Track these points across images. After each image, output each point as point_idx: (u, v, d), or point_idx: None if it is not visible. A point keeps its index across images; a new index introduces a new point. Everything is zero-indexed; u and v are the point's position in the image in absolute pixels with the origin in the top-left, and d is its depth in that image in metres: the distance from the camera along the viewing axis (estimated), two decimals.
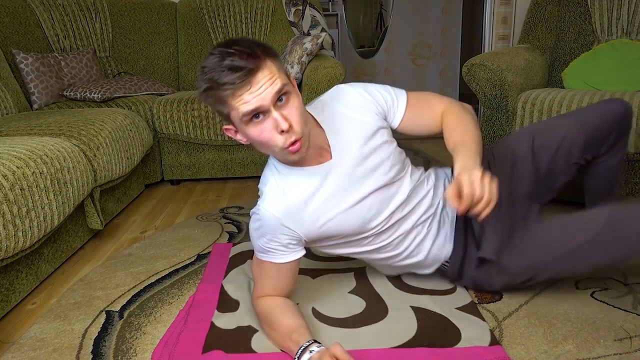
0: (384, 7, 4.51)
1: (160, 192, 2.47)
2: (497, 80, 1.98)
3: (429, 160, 2.85)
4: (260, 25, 3.00)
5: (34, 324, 1.30)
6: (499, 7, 2.92)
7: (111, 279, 1.52)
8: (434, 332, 1.16)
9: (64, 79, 2.56)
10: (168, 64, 2.99)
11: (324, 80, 2.37)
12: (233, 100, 0.95)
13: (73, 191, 1.58)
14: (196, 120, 2.41)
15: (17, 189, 1.30)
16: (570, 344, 1.11)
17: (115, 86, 2.50)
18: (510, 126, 1.99)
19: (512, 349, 1.10)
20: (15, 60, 2.40)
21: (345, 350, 0.95)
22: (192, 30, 2.99)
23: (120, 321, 1.28)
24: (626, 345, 1.10)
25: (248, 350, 1.12)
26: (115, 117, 2.06)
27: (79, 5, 2.84)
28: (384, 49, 4.51)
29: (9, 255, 1.27)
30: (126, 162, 2.02)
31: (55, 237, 1.60)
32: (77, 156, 1.66)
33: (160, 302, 1.37)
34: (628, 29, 2.23)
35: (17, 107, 2.30)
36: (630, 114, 1.27)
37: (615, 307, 1.25)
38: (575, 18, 2.34)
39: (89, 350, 1.16)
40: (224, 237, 1.80)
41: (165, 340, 1.18)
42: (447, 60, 4.60)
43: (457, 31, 4.53)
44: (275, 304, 1.16)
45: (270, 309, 1.14)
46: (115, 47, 2.91)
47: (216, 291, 1.39)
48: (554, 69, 2.39)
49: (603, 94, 1.82)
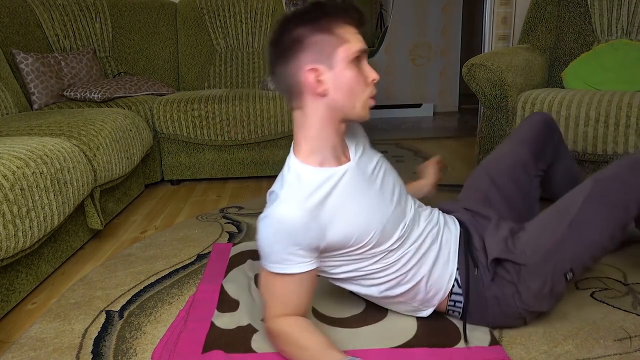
0: (384, 7, 4.51)
1: (160, 192, 2.47)
2: (497, 80, 1.98)
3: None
4: (260, 25, 3.00)
5: (34, 324, 1.30)
6: (499, 7, 2.92)
7: (111, 279, 1.53)
8: (434, 332, 1.16)
9: (64, 79, 2.56)
10: (168, 64, 2.99)
11: None
12: (349, 34, 0.96)
13: (73, 191, 1.58)
14: (196, 120, 2.41)
15: (17, 189, 1.30)
16: (570, 344, 1.11)
17: (115, 86, 2.50)
18: (510, 126, 1.99)
19: (512, 349, 1.10)
20: (15, 60, 2.40)
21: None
22: (192, 30, 2.99)
23: (120, 321, 1.28)
24: (626, 345, 1.10)
25: (248, 350, 1.12)
26: (115, 117, 2.06)
27: (79, 5, 2.84)
28: (384, 49, 4.51)
29: (9, 255, 1.27)
30: (126, 162, 2.02)
31: (55, 237, 1.60)
32: (77, 156, 1.66)
33: (160, 302, 1.37)
34: (628, 29, 2.23)
35: (17, 107, 2.30)
36: (551, 120, 1.40)
37: (615, 307, 1.25)
38: (575, 18, 2.34)
39: (89, 350, 1.16)
40: (224, 237, 1.80)
41: (165, 340, 1.18)
42: (447, 60, 4.60)
43: (457, 31, 4.53)
44: (300, 322, 1.05)
45: (297, 327, 1.03)
46: (115, 47, 2.91)
47: (216, 291, 1.39)
48: (554, 69, 2.39)
49: (603, 94, 1.82)
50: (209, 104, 2.41)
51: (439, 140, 3.47)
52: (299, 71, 0.98)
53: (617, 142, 1.76)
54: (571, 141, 1.85)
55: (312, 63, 0.97)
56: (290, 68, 0.99)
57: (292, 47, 0.98)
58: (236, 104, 2.41)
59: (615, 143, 1.76)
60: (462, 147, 3.19)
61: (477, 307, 1.13)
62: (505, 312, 1.13)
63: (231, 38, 3.00)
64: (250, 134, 2.44)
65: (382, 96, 4.63)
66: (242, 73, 2.98)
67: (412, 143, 3.36)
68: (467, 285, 1.12)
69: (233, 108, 2.41)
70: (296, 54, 0.98)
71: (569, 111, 1.83)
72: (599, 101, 1.78)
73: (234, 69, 2.98)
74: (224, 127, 2.41)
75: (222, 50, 3.00)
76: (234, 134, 2.44)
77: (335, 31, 0.96)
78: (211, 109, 2.41)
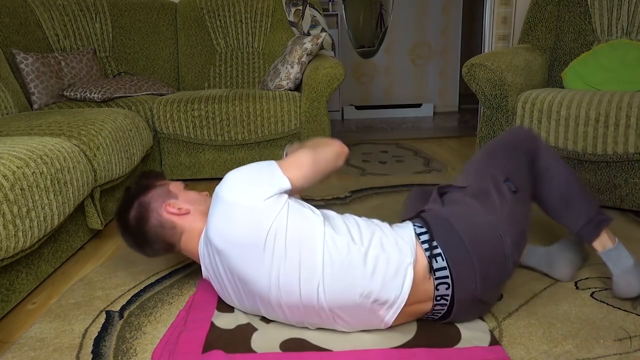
0: (384, 7, 4.51)
1: None
2: (497, 80, 1.98)
3: (430, 160, 2.86)
4: (260, 25, 3.00)
5: (34, 324, 1.30)
6: (499, 7, 2.92)
7: (111, 279, 1.53)
8: (434, 332, 1.16)
9: (64, 79, 2.56)
10: (168, 64, 2.99)
11: (324, 80, 2.37)
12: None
13: (73, 191, 1.58)
14: (196, 120, 2.41)
15: (17, 189, 1.30)
16: (570, 344, 1.11)
17: (115, 86, 2.50)
18: (510, 126, 1.99)
19: (512, 349, 1.10)
20: (16, 60, 2.40)
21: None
22: (192, 30, 2.99)
23: (120, 321, 1.28)
24: (626, 345, 1.10)
25: (248, 350, 1.12)
26: (115, 117, 2.06)
27: (79, 5, 2.84)
28: (384, 49, 4.51)
29: (9, 255, 1.27)
30: (126, 162, 2.02)
31: (55, 237, 1.60)
32: (77, 156, 1.66)
33: (160, 302, 1.37)
34: (628, 29, 2.23)
35: (17, 107, 2.30)
36: (528, 136, 1.34)
37: (615, 307, 1.25)
38: (575, 18, 2.34)
39: (89, 350, 1.16)
40: None
41: (165, 340, 1.18)
42: (447, 60, 4.60)
43: (457, 31, 4.53)
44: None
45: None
46: (115, 47, 2.92)
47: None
48: (554, 69, 2.39)
49: (603, 94, 1.82)
50: (209, 104, 2.41)
51: (439, 140, 3.47)
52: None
53: (617, 142, 1.76)
54: (571, 141, 1.85)
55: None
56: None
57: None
58: (236, 104, 2.41)
59: (615, 143, 1.76)
60: (462, 147, 3.19)
61: (447, 238, 1.13)
62: (476, 224, 1.13)
63: (231, 38, 3.00)
64: (250, 134, 2.45)
65: (382, 96, 4.64)
66: (242, 73, 2.98)
67: (412, 143, 3.36)
68: (429, 227, 1.15)
69: (233, 108, 2.41)
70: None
71: (569, 111, 1.83)
72: (599, 101, 1.78)
73: (234, 69, 2.98)
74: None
75: (222, 50, 3.00)
76: (234, 134, 2.44)
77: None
78: (211, 109, 2.41)
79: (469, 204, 1.19)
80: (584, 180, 1.89)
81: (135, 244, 1.29)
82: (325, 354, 1.10)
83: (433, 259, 1.10)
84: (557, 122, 1.86)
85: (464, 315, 1.17)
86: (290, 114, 2.44)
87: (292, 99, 2.45)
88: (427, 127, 3.98)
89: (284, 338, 1.17)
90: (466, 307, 1.14)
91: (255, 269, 1.08)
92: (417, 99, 4.66)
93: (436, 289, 1.10)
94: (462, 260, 1.09)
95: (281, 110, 2.42)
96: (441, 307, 1.13)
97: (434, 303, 1.13)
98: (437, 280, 1.10)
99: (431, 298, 1.12)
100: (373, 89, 4.60)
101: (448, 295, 1.11)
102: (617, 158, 1.78)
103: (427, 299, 1.12)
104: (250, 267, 1.09)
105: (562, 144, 1.87)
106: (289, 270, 1.07)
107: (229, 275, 1.15)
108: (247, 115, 2.41)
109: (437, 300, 1.12)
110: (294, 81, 2.53)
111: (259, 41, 3.00)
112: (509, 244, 1.12)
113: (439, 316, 1.17)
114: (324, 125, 2.45)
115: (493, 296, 1.19)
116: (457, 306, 1.12)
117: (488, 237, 1.12)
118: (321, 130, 2.44)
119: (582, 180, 1.90)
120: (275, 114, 2.42)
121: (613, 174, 1.84)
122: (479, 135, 2.14)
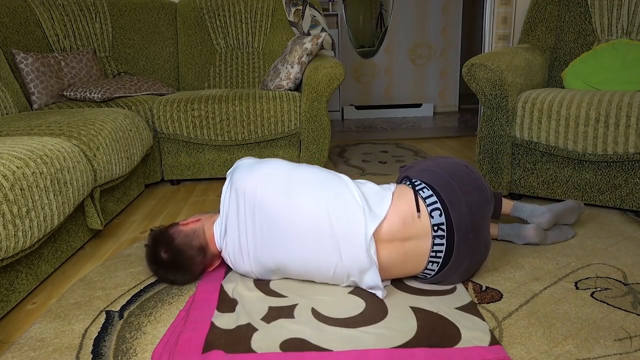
0: (384, 7, 4.51)
1: (160, 192, 2.47)
2: (497, 80, 1.98)
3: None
4: (260, 25, 3.00)
5: (34, 324, 1.30)
6: (499, 7, 2.92)
7: (111, 279, 1.53)
8: (434, 332, 1.16)
9: (64, 79, 2.56)
10: (168, 64, 2.99)
11: (324, 80, 2.37)
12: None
13: (73, 191, 1.58)
14: (196, 120, 2.41)
15: (17, 189, 1.30)
16: (570, 344, 1.11)
17: (115, 86, 2.50)
18: (510, 126, 1.99)
19: (512, 349, 1.10)
20: (15, 60, 2.40)
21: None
22: (192, 30, 2.99)
23: (120, 321, 1.28)
24: (626, 345, 1.10)
25: (248, 350, 1.12)
26: (115, 117, 2.06)
27: (79, 5, 2.84)
28: (384, 49, 4.51)
29: (9, 255, 1.27)
30: (126, 162, 2.02)
31: (55, 237, 1.60)
32: (77, 156, 1.66)
33: (160, 302, 1.37)
34: (628, 29, 2.23)
35: (17, 107, 2.30)
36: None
37: (615, 307, 1.25)
38: (575, 18, 2.35)
39: (89, 350, 1.16)
40: None
41: (165, 340, 1.18)
42: (447, 60, 4.60)
43: (457, 31, 4.53)
44: None
45: None
46: (115, 47, 2.92)
47: (216, 291, 1.39)
48: (554, 69, 2.39)
49: (603, 94, 1.82)
50: (209, 104, 2.41)
51: (439, 140, 3.47)
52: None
53: (617, 142, 1.76)
54: (571, 141, 1.85)
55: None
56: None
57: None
58: (236, 104, 2.41)
59: (615, 143, 1.76)
60: (462, 147, 3.19)
61: (425, 174, 1.36)
62: (445, 161, 1.38)
63: (231, 38, 3.00)
64: (250, 134, 2.44)
65: (382, 96, 4.64)
66: (242, 73, 2.98)
67: (412, 143, 3.36)
68: (409, 176, 1.39)
69: (233, 108, 2.41)
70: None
71: (569, 111, 1.83)
72: (599, 101, 1.78)
73: (234, 69, 2.98)
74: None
75: (222, 50, 3.00)
76: (234, 134, 2.44)
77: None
78: (211, 109, 2.41)
79: (431, 159, 1.45)
80: (584, 180, 1.89)
81: (176, 267, 1.41)
82: (325, 354, 1.10)
83: (419, 191, 1.31)
84: (557, 122, 1.86)
85: (464, 256, 1.27)
86: (290, 114, 2.44)
87: (292, 99, 2.45)
88: (427, 127, 3.98)
89: (284, 338, 1.17)
90: (465, 243, 1.26)
91: (278, 195, 1.33)
92: (417, 99, 4.67)
93: (430, 216, 1.26)
94: (444, 185, 1.29)
95: (281, 110, 2.42)
96: (440, 242, 1.25)
97: (433, 236, 1.25)
98: (429, 207, 1.26)
99: (429, 232, 1.25)
100: (373, 88, 4.60)
101: (444, 223, 1.24)
102: (617, 158, 1.78)
103: (424, 233, 1.25)
104: (275, 192, 1.33)
105: (562, 144, 1.87)
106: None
107: (255, 214, 1.33)
108: (247, 115, 2.41)
109: (434, 231, 1.24)
110: (294, 81, 2.53)
111: (259, 41, 3.00)
112: (474, 170, 1.36)
113: (440, 259, 1.27)
114: (324, 125, 2.45)
115: (484, 224, 1.30)
116: (458, 236, 1.24)
117: (458, 165, 1.37)
118: (321, 130, 2.44)
119: (583, 180, 1.90)
120: (275, 114, 2.42)
121: (613, 174, 1.84)
122: (479, 135, 2.14)
